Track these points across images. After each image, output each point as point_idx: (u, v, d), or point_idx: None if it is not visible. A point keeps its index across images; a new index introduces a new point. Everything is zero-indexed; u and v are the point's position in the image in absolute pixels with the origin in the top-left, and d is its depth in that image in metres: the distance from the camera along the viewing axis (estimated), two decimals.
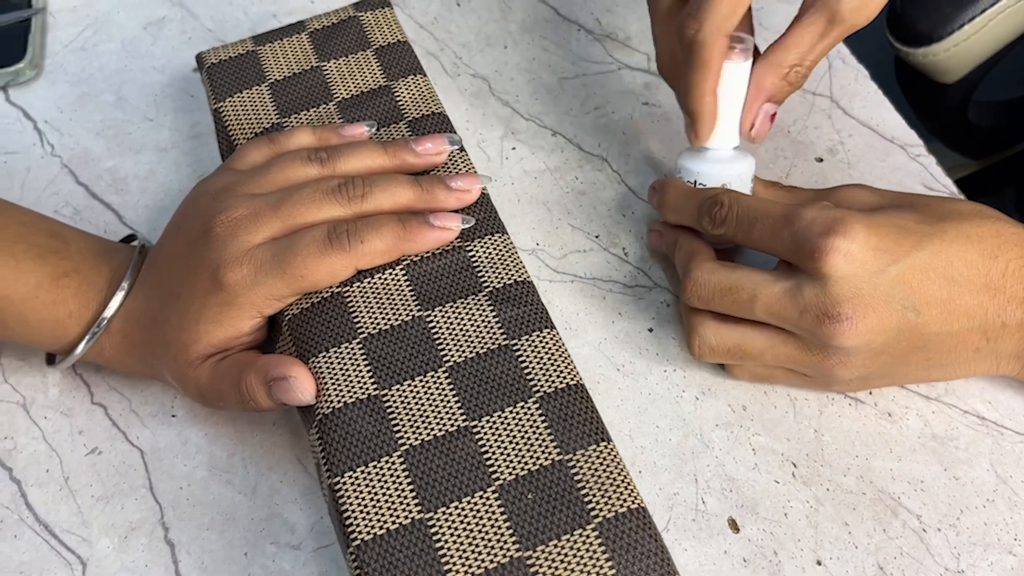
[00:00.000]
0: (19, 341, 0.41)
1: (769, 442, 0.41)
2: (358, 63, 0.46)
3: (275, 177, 0.40)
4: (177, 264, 0.39)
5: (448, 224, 0.39)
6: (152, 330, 0.39)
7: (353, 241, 0.37)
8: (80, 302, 0.40)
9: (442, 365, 0.36)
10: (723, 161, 0.43)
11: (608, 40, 0.55)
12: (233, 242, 0.38)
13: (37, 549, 0.40)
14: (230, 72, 0.46)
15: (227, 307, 0.38)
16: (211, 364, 0.38)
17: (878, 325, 0.36)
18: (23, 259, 0.40)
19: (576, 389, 0.35)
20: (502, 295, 0.38)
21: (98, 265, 0.41)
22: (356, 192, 0.39)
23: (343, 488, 0.33)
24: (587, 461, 0.33)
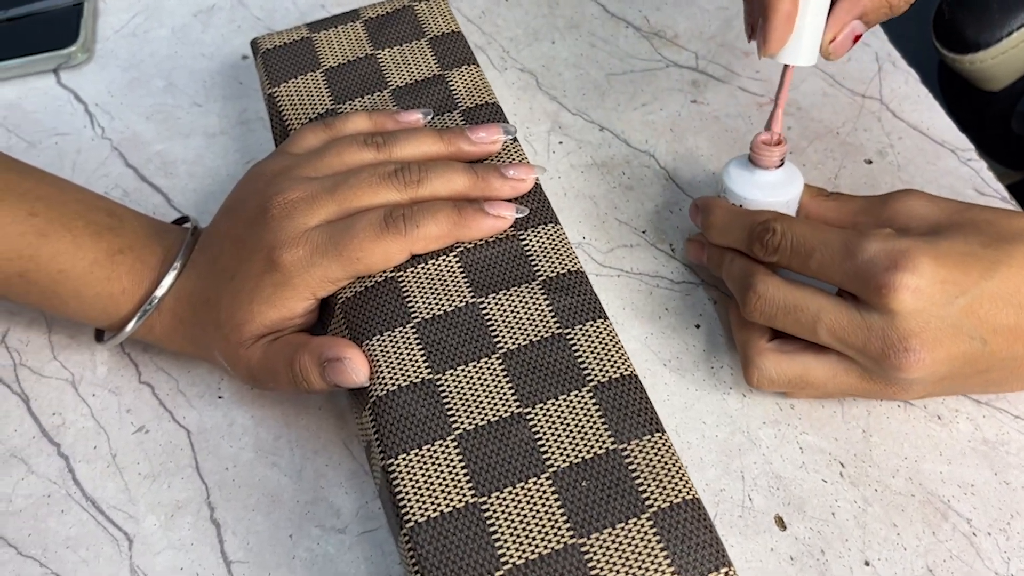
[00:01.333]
0: (72, 316, 0.42)
1: (817, 441, 0.41)
2: (412, 52, 0.46)
3: (331, 161, 0.40)
4: (231, 245, 0.40)
5: (503, 213, 0.39)
6: (204, 310, 0.40)
7: (409, 225, 0.38)
8: (133, 279, 0.41)
9: (495, 351, 0.36)
10: (771, 186, 0.42)
11: (656, 37, 0.55)
12: (289, 224, 0.38)
13: (84, 524, 0.40)
14: (285, 58, 0.47)
15: (281, 288, 0.38)
16: (263, 345, 0.39)
17: (945, 356, 0.36)
18: (80, 235, 0.40)
19: (630, 380, 0.35)
20: (555, 284, 0.38)
21: (151, 244, 0.42)
22: (412, 177, 0.39)
23: (397, 470, 0.33)
24: (641, 451, 0.33)
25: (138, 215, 0.43)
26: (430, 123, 0.44)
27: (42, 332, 0.45)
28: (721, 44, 0.54)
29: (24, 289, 0.40)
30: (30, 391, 0.44)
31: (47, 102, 0.55)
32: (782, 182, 0.42)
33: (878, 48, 0.54)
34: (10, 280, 0.40)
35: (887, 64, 0.53)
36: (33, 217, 0.40)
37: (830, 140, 0.50)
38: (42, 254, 0.40)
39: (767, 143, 0.41)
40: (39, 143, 0.53)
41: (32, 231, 0.40)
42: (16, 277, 0.40)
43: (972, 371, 0.37)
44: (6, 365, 0.45)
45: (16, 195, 0.40)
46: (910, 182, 0.48)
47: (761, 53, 0.39)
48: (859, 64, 0.53)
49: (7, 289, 0.41)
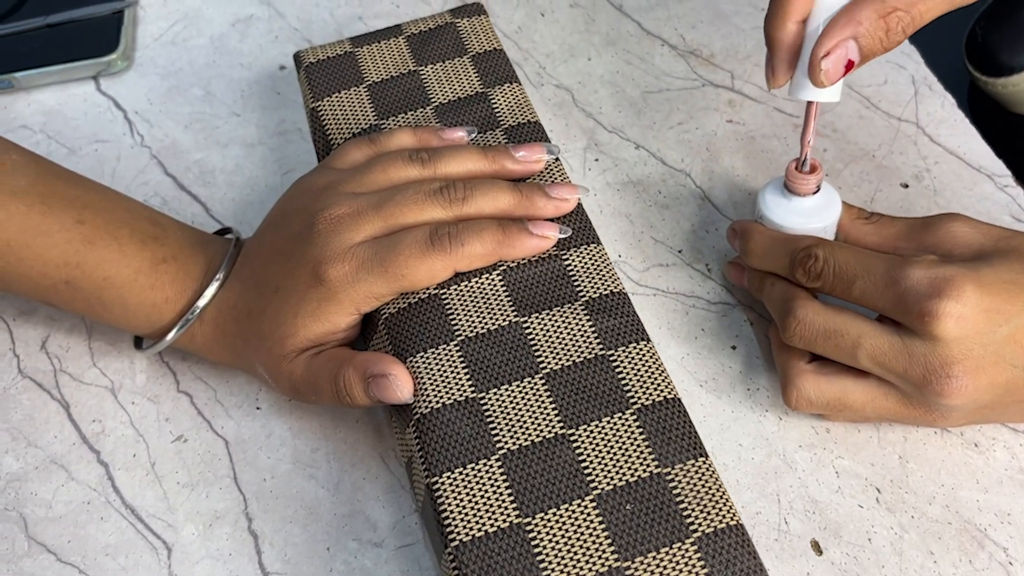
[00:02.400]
0: (115, 324, 0.42)
1: (853, 466, 0.41)
2: (455, 69, 0.46)
3: (377, 177, 0.41)
4: (276, 258, 0.40)
5: (547, 233, 0.39)
6: (247, 322, 0.40)
7: (454, 243, 0.38)
8: (177, 289, 0.41)
9: (539, 372, 0.36)
10: (809, 212, 0.41)
11: (692, 56, 0.55)
12: (335, 239, 0.38)
13: (123, 532, 0.40)
14: (328, 72, 0.47)
15: (326, 303, 0.38)
16: (306, 358, 0.39)
17: (987, 384, 0.36)
18: (126, 243, 0.41)
19: (673, 403, 0.35)
20: (598, 305, 0.38)
21: (195, 254, 0.42)
22: (457, 195, 0.39)
23: (442, 488, 0.33)
24: (686, 475, 0.33)
25: (181, 225, 0.44)
26: (473, 141, 0.44)
27: (82, 339, 0.46)
28: (757, 64, 0.55)
29: (70, 296, 0.41)
30: (70, 397, 0.44)
31: (87, 109, 0.55)
32: (820, 207, 0.42)
33: (914, 71, 0.54)
34: (56, 287, 0.40)
35: (923, 87, 0.53)
36: (80, 225, 0.40)
37: (866, 163, 0.50)
38: (88, 261, 0.40)
39: (802, 171, 0.41)
40: (79, 150, 0.53)
41: (79, 238, 0.40)
42: (62, 284, 0.40)
43: (1013, 400, 0.37)
44: (46, 371, 0.45)
45: (64, 202, 0.40)
46: (946, 207, 0.48)
47: (770, 86, 0.39)
48: (895, 87, 0.53)
49: (53, 296, 0.41)
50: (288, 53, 0.57)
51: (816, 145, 0.51)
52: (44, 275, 0.40)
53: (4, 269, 0.40)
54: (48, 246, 0.40)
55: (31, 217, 0.39)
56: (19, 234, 0.39)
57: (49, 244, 0.40)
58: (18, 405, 0.44)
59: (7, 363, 0.45)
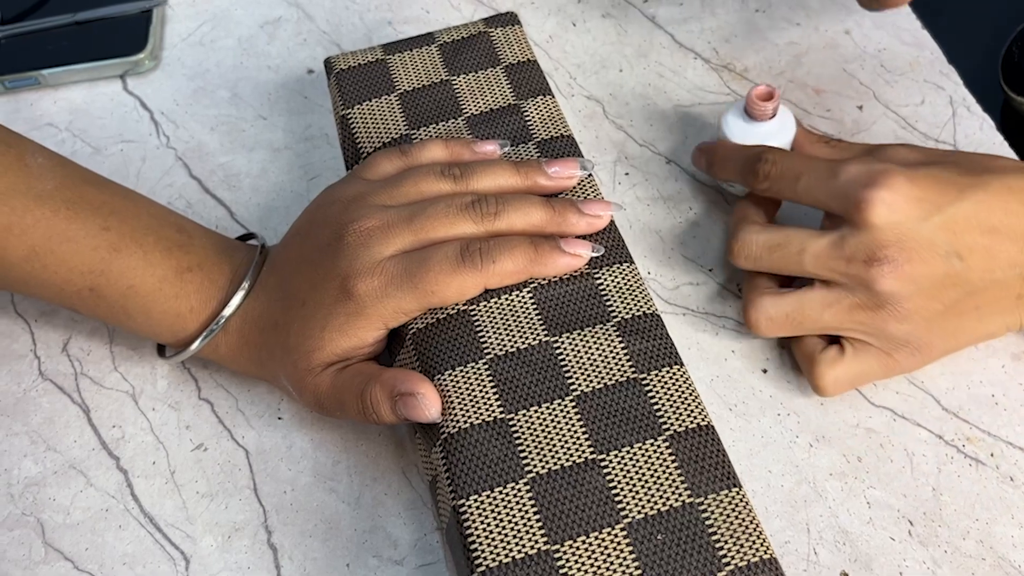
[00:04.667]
0: (138, 332, 0.42)
1: (885, 496, 0.40)
2: (488, 80, 0.46)
3: (408, 190, 0.40)
4: (304, 270, 0.39)
5: (579, 251, 0.39)
6: (272, 333, 0.40)
7: (485, 260, 0.37)
8: (201, 298, 0.41)
9: (569, 394, 0.35)
10: (767, 135, 0.45)
11: (725, 70, 0.55)
12: (364, 252, 0.38)
13: (141, 541, 0.40)
14: (359, 79, 0.46)
15: (354, 317, 0.37)
16: (332, 372, 0.38)
17: (924, 273, 0.38)
18: (151, 251, 0.40)
19: (706, 430, 0.35)
20: (630, 326, 0.37)
21: (220, 262, 0.41)
22: (489, 210, 0.39)
23: (468, 511, 0.33)
24: (719, 506, 0.33)
25: (207, 231, 0.43)
26: (505, 154, 0.43)
27: (104, 342, 0.45)
28: (791, 80, 0.54)
29: (94, 303, 0.40)
30: (90, 401, 0.44)
31: (113, 108, 0.55)
32: (777, 130, 0.46)
33: (952, 92, 0.53)
34: (81, 294, 0.40)
35: (961, 108, 0.52)
36: (106, 231, 0.40)
37: None
38: (113, 269, 0.40)
39: (760, 97, 0.45)
40: (104, 149, 0.53)
41: (105, 245, 0.40)
42: (87, 291, 0.40)
43: (957, 294, 0.38)
44: (67, 374, 0.45)
45: (90, 208, 0.40)
46: None
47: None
48: (932, 107, 0.52)
49: (77, 303, 0.41)
50: (317, 57, 0.57)
51: None
52: (68, 282, 0.40)
53: (29, 275, 0.39)
54: (73, 253, 0.39)
55: (56, 223, 0.39)
56: (44, 240, 0.39)
57: (74, 251, 0.39)
58: (38, 408, 0.44)
59: (28, 365, 0.45)
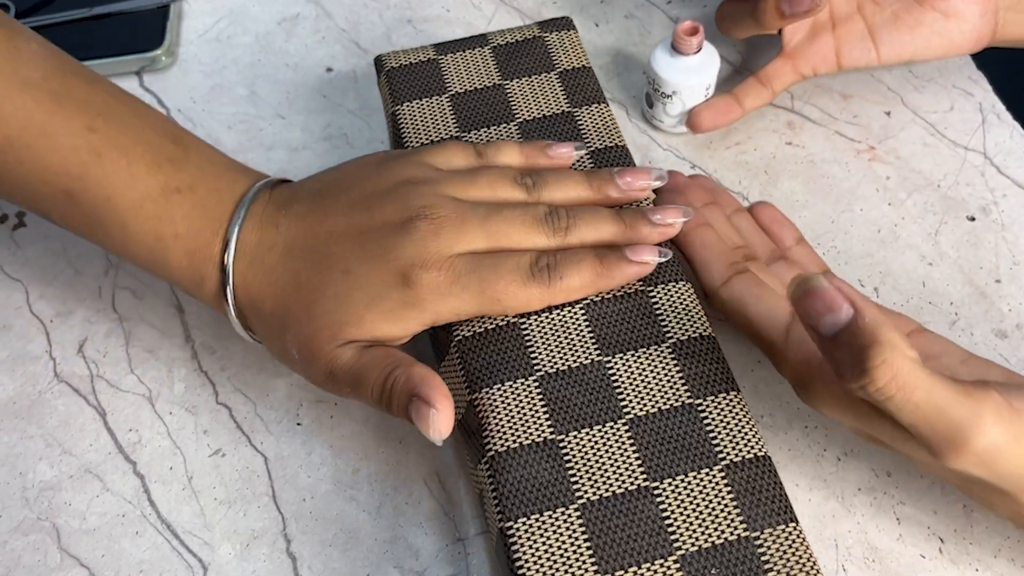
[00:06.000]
0: (117, 252, 0.39)
1: (915, 513, 0.39)
2: (541, 85, 0.45)
3: (482, 190, 0.38)
4: (352, 238, 0.37)
5: (645, 258, 0.37)
6: (291, 288, 0.37)
7: (553, 277, 0.36)
8: (189, 226, 0.37)
9: (622, 416, 0.34)
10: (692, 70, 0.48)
11: (750, 74, 0.54)
12: (434, 243, 0.36)
13: (159, 548, 0.39)
14: (410, 78, 0.45)
15: (408, 307, 0.36)
16: (356, 348, 0.36)
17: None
18: (137, 162, 0.37)
19: (763, 461, 0.34)
20: (686, 349, 0.36)
21: (217, 188, 0.38)
22: (562, 224, 0.38)
23: (516, 534, 0.32)
24: (775, 541, 0.32)
25: (209, 149, 0.39)
26: (581, 158, 0.42)
27: (120, 343, 0.45)
28: (817, 85, 0.53)
29: (67, 210, 0.38)
30: (107, 404, 0.43)
31: None
32: (702, 65, 0.49)
33: (981, 98, 0.52)
34: (55, 197, 0.37)
35: (991, 116, 0.51)
36: (90, 132, 0.37)
37: (930, 193, 0.49)
38: (91, 175, 0.37)
39: (686, 32, 0.48)
40: None
41: (86, 147, 0.36)
42: (61, 195, 0.37)
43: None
44: (83, 376, 0.44)
45: (77, 104, 0.37)
46: (1015, 242, 0.47)
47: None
48: (962, 114, 0.51)
49: (51, 207, 0.38)
50: (335, 55, 0.56)
51: (878, 172, 0.49)
52: (44, 182, 0.37)
53: (3, 167, 0.36)
54: (51, 150, 0.36)
55: (37, 114, 0.36)
56: (22, 132, 0.36)
57: (52, 148, 0.36)
58: (54, 411, 0.43)
59: (43, 366, 0.44)
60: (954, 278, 0.45)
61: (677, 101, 0.49)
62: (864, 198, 0.48)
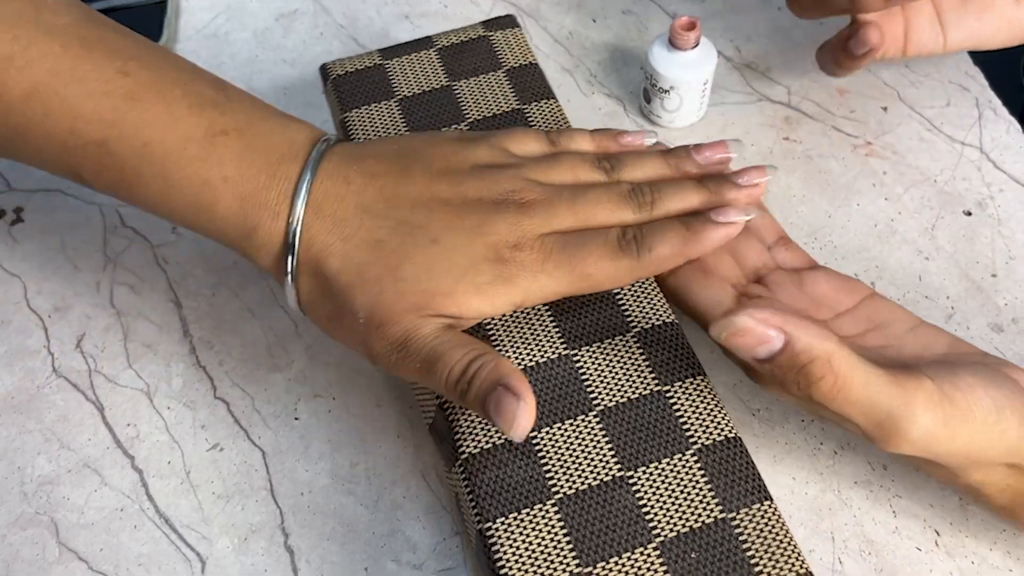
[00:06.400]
0: (154, 208, 0.36)
1: (910, 506, 0.39)
2: (489, 84, 0.45)
3: (564, 174, 0.38)
4: (439, 208, 0.36)
5: (732, 218, 0.37)
6: (373, 251, 0.35)
7: (642, 249, 0.36)
8: (240, 166, 0.35)
9: (592, 409, 0.35)
10: (690, 65, 0.48)
11: (747, 69, 0.54)
12: (527, 222, 0.36)
13: (157, 542, 0.39)
14: (357, 85, 0.45)
15: (501, 283, 0.35)
16: (440, 324, 0.35)
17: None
18: (176, 104, 0.35)
19: (734, 443, 0.34)
20: (650, 337, 0.37)
21: (268, 131, 0.36)
22: (647, 199, 0.38)
23: (496, 535, 0.32)
24: (751, 521, 0.32)
25: (250, 96, 0.37)
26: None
27: (118, 338, 0.45)
28: (815, 80, 0.53)
29: (100, 162, 0.35)
30: (105, 399, 0.43)
31: None
32: (700, 60, 0.49)
33: (978, 93, 0.52)
34: (87, 149, 0.35)
35: (987, 111, 0.52)
36: (123, 76, 0.35)
37: (927, 188, 0.49)
38: (127, 120, 0.34)
39: (683, 27, 0.48)
40: None
41: (120, 92, 0.34)
42: (94, 146, 0.35)
43: None
44: (81, 371, 0.44)
45: (108, 51, 0.35)
46: (1011, 237, 0.47)
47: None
48: (959, 109, 0.52)
49: (82, 160, 0.35)
50: (333, 51, 0.56)
51: (875, 167, 0.49)
52: (73, 132, 0.34)
53: (29, 121, 0.34)
54: (82, 96, 0.34)
55: (65, 60, 0.34)
56: (50, 77, 0.34)
57: (84, 94, 0.34)
58: (52, 405, 0.43)
59: (41, 361, 0.44)
60: (950, 273, 0.46)
61: (674, 96, 0.49)
62: (861, 193, 0.49)
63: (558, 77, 0.54)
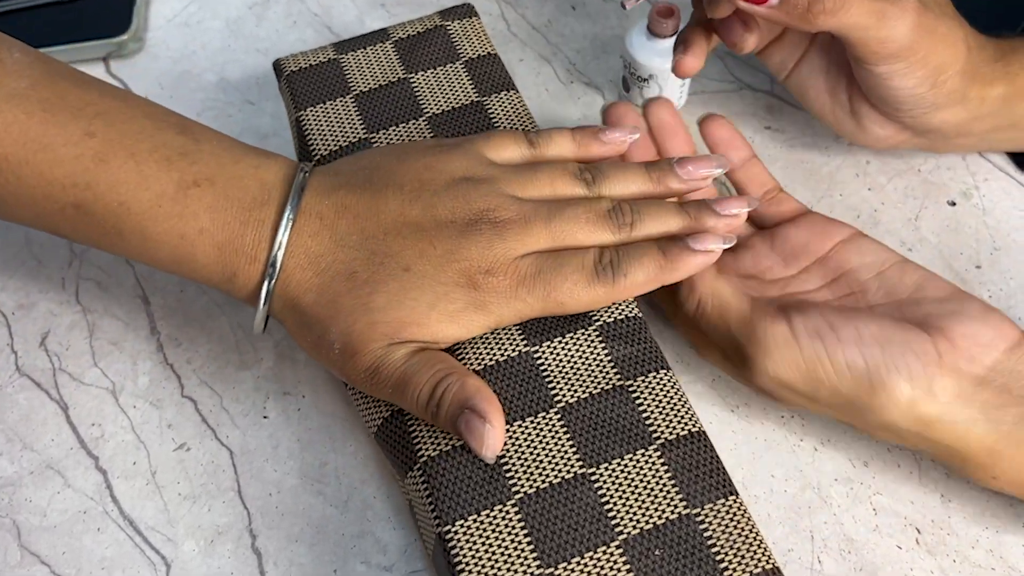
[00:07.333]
0: (138, 258, 0.37)
1: (891, 503, 0.38)
2: (447, 76, 0.44)
3: (542, 187, 0.37)
4: (410, 235, 0.35)
5: (710, 247, 0.36)
6: (346, 283, 0.35)
7: (618, 275, 0.35)
8: (215, 219, 0.35)
9: (553, 406, 0.34)
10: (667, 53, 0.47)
11: (729, 57, 0.53)
12: (500, 245, 0.35)
13: (121, 545, 0.38)
14: (311, 81, 0.44)
15: (473, 309, 0.35)
16: (409, 349, 0.35)
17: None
18: (145, 161, 0.35)
19: (698, 437, 0.33)
20: (613, 331, 0.36)
21: (240, 176, 0.36)
22: (626, 219, 0.37)
23: (455, 538, 0.31)
24: (716, 516, 0.31)
25: (218, 135, 0.37)
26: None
27: (83, 336, 0.44)
28: None
29: (80, 223, 0.36)
30: (69, 398, 0.42)
31: None
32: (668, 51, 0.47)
33: None
34: (64, 212, 0.35)
35: None
36: (90, 137, 0.35)
37: (911, 177, 0.48)
38: (99, 182, 0.35)
39: (661, 14, 0.47)
40: None
41: (89, 154, 0.35)
42: (71, 208, 0.35)
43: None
44: (45, 369, 0.43)
45: (71, 110, 0.35)
46: (996, 227, 0.46)
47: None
48: None
49: (61, 223, 0.36)
50: (307, 39, 0.55)
51: (858, 156, 0.48)
52: (49, 197, 0.35)
53: (2, 188, 0.35)
54: (51, 162, 0.34)
55: (31, 127, 0.34)
56: (17, 148, 0.34)
57: (52, 160, 0.34)
58: (15, 405, 0.42)
59: (4, 359, 0.43)
60: (934, 264, 0.45)
61: (653, 85, 0.48)
62: (844, 183, 0.48)
63: (536, 65, 0.53)
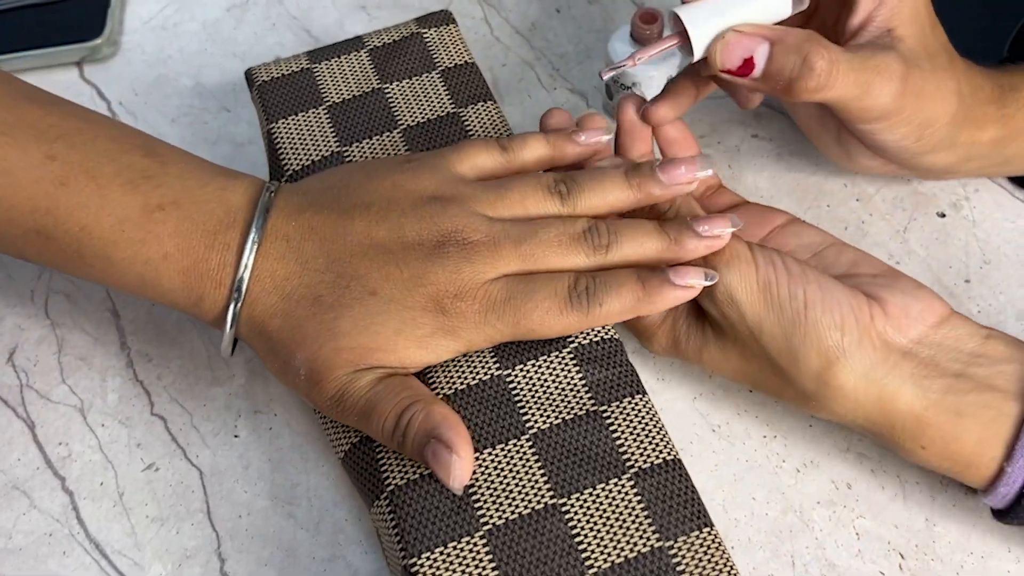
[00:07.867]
0: (102, 282, 0.37)
1: (875, 527, 0.38)
2: (423, 86, 0.42)
3: (513, 206, 0.36)
4: (377, 258, 0.34)
5: (690, 281, 0.35)
6: (310, 308, 0.34)
7: (592, 303, 0.34)
8: (180, 244, 0.35)
9: (525, 432, 0.33)
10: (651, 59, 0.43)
11: None
12: (468, 269, 0.34)
13: (87, 569, 0.38)
14: (284, 91, 0.43)
15: (442, 335, 0.34)
16: (375, 376, 0.34)
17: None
18: (108, 185, 0.34)
19: (674, 465, 0.32)
20: (588, 353, 0.35)
21: (205, 200, 0.35)
22: (602, 241, 0.35)
23: (421, 571, 0.30)
24: (690, 549, 0.30)
25: (186, 157, 0.37)
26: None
27: (52, 352, 0.43)
28: None
29: (43, 248, 0.35)
30: (36, 416, 0.41)
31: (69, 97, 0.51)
32: (663, 55, 0.43)
33: None
34: (26, 237, 0.35)
35: None
36: (51, 161, 0.34)
37: (900, 188, 0.47)
38: (61, 207, 0.34)
39: (644, 20, 0.46)
40: None
41: (50, 178, 0.34)
42: (33, 234, 0.35)
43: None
44: (12, 386, 0.42)
45: (33, 133, 0.34)
46: (986, 240, 0.45)
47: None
48: None
49: (23, 247, 0.36)
50: (286, 44, 0.54)
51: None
52: (10, 222, 0.34)
53: None
54: (13, 188, 0.34)
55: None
56: None
57: (14, 185, 0.34)
58: None
59: None
60: (922, 277, 0.44)
61: (637, 92, 0.47)
62: (831, 193, 0.47)
63: (519, 71, 0.52)
